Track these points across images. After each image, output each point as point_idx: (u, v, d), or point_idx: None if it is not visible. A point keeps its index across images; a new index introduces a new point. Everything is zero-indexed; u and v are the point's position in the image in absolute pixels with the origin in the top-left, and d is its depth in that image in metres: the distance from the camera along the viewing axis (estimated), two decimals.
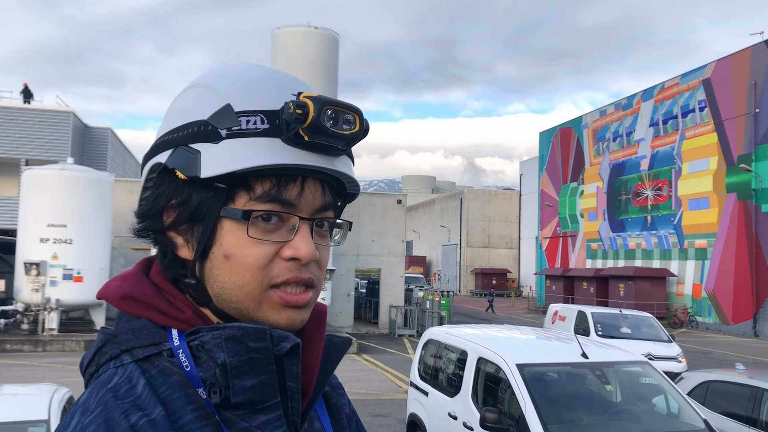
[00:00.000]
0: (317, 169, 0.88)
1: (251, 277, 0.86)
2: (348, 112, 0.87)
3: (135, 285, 0.92)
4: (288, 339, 0.86)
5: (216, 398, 0.84)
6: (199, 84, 0.91)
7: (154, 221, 0.91)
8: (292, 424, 0.90)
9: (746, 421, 7.47)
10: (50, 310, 19.94)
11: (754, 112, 30.09)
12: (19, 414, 5.84)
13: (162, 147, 0.89)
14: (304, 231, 0.88)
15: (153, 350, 0.87)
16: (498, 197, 66.00)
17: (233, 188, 0.86)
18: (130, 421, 0.78)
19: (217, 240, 0.87)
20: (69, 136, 30.22)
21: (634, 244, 38.45)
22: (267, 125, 0.85)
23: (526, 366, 6.06)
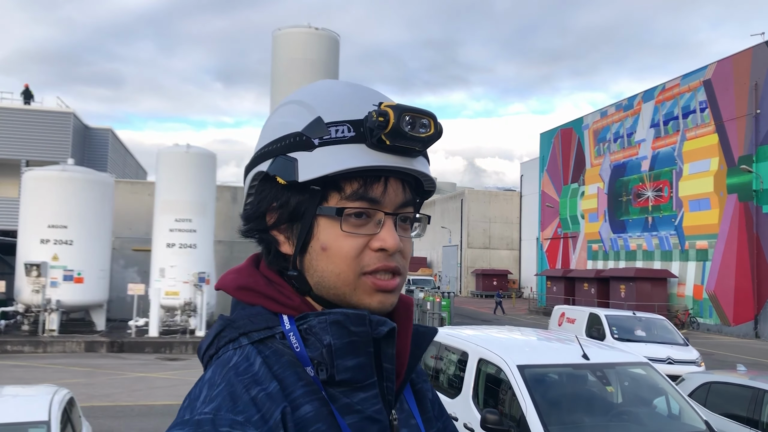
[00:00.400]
0: (398, 170, 1.00)
1: (346, 266, 0.98)
2: (423, 116, 0.99)
3: (249, 276, 1.05)
4: (385, 324, 0.97)
5: (323, 375, 0.95)
6: (293, 101, 1.05)
7: (259, 222, 1.05)
8: (387, 403, 1.00)
9: (747, 423, 7.46)
10: (51, 311, 19.94)
11: (755, 113, 30.07)
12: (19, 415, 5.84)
13: (262, 158, 1.02)
14: (389, 225, 1.00)
15: (267, 333, 0.99)
16: (499, 198, 65.95)
17: (326, 189, 0.98)
18: (250, 394, 0.90)
19: (315, 235, 1.00)
20: (69, 137, 30.24)
21: (635, 245, 38.43)
22: (353, 133, 0.97)
23: (526, 367, 6.05)
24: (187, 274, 20.89)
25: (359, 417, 0.96)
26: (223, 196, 27.25)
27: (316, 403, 0.93)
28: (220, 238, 25.96)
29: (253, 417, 0.88)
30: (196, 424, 0.86)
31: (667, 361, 13.48)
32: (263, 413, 0.89)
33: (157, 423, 10.64)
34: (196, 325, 20.81)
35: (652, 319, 16.01)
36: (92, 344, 19.12)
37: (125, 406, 11.79)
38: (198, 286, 20.86)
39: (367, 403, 0.96)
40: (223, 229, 26.76)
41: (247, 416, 0.88)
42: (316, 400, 0.93)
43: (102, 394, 12.68)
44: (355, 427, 0.95)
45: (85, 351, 18.88)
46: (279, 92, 22.66)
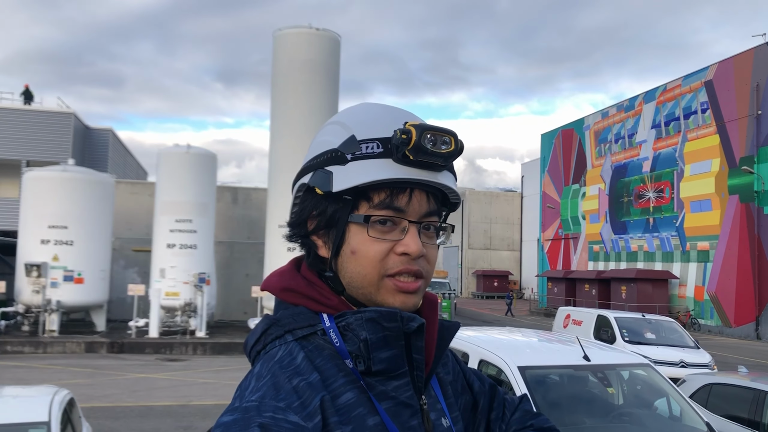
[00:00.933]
0: (421, 182, 1.10)
1: (371, 268, 1.09)
2: (445, 135, 1.09)
3: (291, 279, 1.16)
4: (415, 320, 1.09)
5: (361, 366, 1.06)
6: (334, 122, 1.17)
7: (301, 228, 1.17)
8: (417, 389, 1.12)
9: (749, 424, 7.44)
10: (51, 312, 19.94)
11: (757, 114, 30.05)
12: (19, 416, 5.82)
13: (306, 171, 1.15)
14: (413, 232, 1.11)
15: (309, 330, 1.10)
16: (499, 199, 65.96)
17: (357, 199, 1.10)
18: (292, 384, 1.02)
19: (346, 240, 1.11)
20: (70, 138, 30.24)
21: (636, 246, 38.40)
22: (381, 149, 1.08)
23: (527, 368, 6.03)
24: (188, 275, 20.88)
25: (394, 402, 1.08)
26: (223, 196, 27.24)
27: (356, 390, 1.05)
28: (220, 238, 25.95)
29: (294, 403, 0.99)
30: (244, 410, 0.98)
31: (680, 365, 13.21)
32: (303, 400, 1.00)
33: (157, 424, 10.63)
34: (196, 325, 20.80)
35: (661, 322, 15.72)
36: (92, 345, 19.11)
37: (125, 407, 11.78)
38: (198, 287, 20.85)
39: (400, 390, 1.08)
40: (223, 229, 26.75)
41: (288, 403, 0.99)
42: (355, 388, 1.05)
43: (102, 395, 12.67)
44: (391, 411, 1.07)
45: (86, 351, 18.87)
46: (280, 93, 22.65)
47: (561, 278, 41.66)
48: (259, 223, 25.69)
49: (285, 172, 21.91)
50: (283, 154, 22.01)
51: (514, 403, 1.43)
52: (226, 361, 17.91)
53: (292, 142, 21.73)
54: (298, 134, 21.70)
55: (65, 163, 22.83)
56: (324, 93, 22.61)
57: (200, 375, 15.62)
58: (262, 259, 23.24)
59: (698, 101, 33.90)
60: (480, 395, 1.39)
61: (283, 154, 21.96)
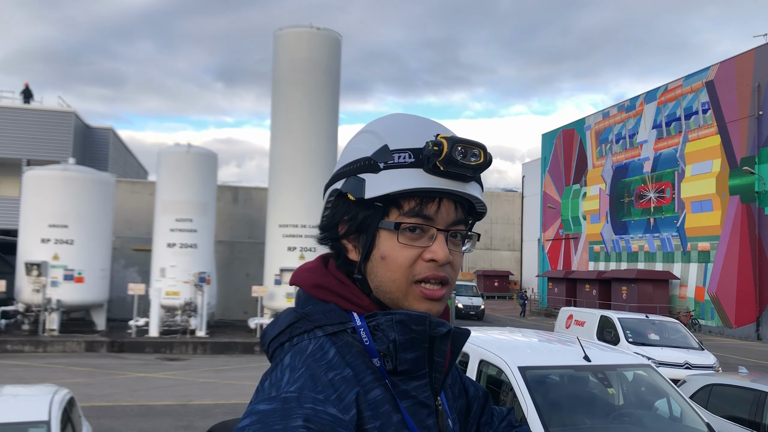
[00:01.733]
0: (450, 192, 1.14)
1: (400, 273, 1.13)
2: (475, 148, 1.13)
3: (323, 276, 1.19)
4: (444, 325, 1.13)
5: (389, 366, 1.10)
6: (367, 131, 1.21)
7: (332, 232, 1.20)
8: (434, 391, 1.17)
9: (749, 425, 7.43)
10: (51, 311, 19.94)
11: (758, 115, 30.03)
12: (19, 415, 5.82)
13: (339, 177, 1.19)
14: (441, 239, 1.14)
15: (340, 327, 1.13)
16: (500, 199, 65.92)
17: (388, 206, 1.14)
18: (328, 377, 1.05)
19: (377, 245, 1.15)
20: (70, 137, 30.24)
21: (637, 246, 38.39)
22: (413, 159, 1.12)
23: (528, 369, 6.02)
24: (188, 274, 20.88)
25: (413, 402, 1.12)
26: (223, 196, 27.24)
27: (382, 388, 1.09)
28: (220, 238, 25.95)
29: (332, 396, 1.02)
30: (284, 401, 1.00)
31: (685, 366, 13.16)
32: (339, 393, 1.04)
33: (157, 423, 10.63)
34: (196, 325, 20.80)
35: (664, 323, 15.64)
36: (92, 344, 19.11)
37: (125, 406, 11.77)
38: (198, 286, 20.84)
39: (419, 390, 1.13)
40: (223, 229, 26.75)
41: (327, 395, 1.02)
42: (381, 386, 1.09)
43: (102, 394, 12.67)
44: (410, 410, 1.11)
45: (86, 351, 18.87)
46: (280, 92, 22.64)
47: (561, 278, 41.65)
48: (259, 222, 25.69)
49: (285, 171, 21.92)
50: (283, 153, 22.01)
51: (502, 413, 1.50)
52: (226, 361, 17.91)
53: (292, 141, 21.73)
54: (298, 134, 21.70)
55: (66, 162, 22.83)
56: (325, 92, 22.61)
57: (200, 374, 15.62)
58: (262, 258, 23.24)
59: (699, 101, 33.88)
60: (474, 400, 1.45)
61: (284, 154, 21.97)
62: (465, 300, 35.41)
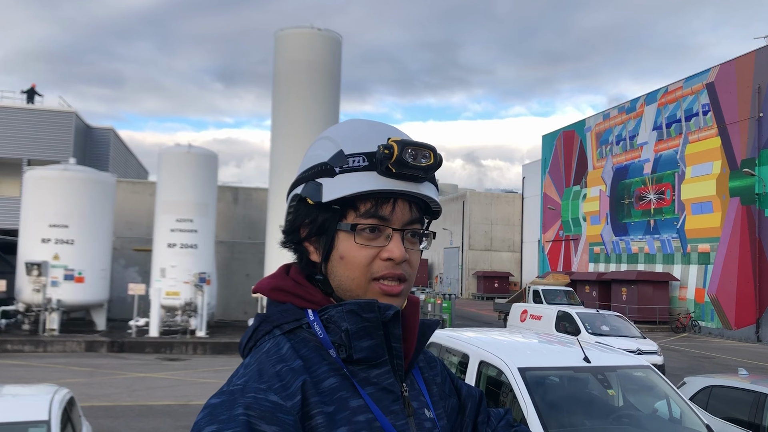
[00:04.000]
0: (404, 193, 1.19)
1: (359, 272, 1.19)
2: (425, 149, 1.19)
3: (281, 280, 1.26)
4: (391, 308, 1.16)
5: (343, 354, 1.15)
6: (324, 137, 1.26)
7: (294, 236, 1.26)
8: (398, 377, 1.21)
9: (749, 427, 7.43)
10: (51, 311, 19.94)
11: (758, 117, 30.03)
12: (19, 414, 5.82)
13: (299, 182, 1.24)
14: (396, 238, 1.20)
15: (295, 324, 1.20)
16: (500, 200, 65.92)
17: (345, 209, 1.19)
18: (275, 369, 1.11)
19: (335, 246, 1.20)
20: (71, 137, 30.24)
21: (637, 248, 38.38)
22: (366, 162, 1.18)
23: (527, 370, 6.02)
24: (188, 275, 20.88)
25: (376, 388, 1.16)
26: (224, 196, 27.24)
27: (339, 377, 1.14)
28: (221, 238, 25.95)
29: (275, 385, 1.08)
30: (230, 393, 1.07)
31: (638, 352, 14.03)
32: (285, 383, 1.09)
33: (157, 423, 10.63)
34: (196, 325, 20.80)
35: (611, 316, 17.56)
36: (92, 344, 19.11)
37: (125, 406, 11.78)
38: (199, 287, 20.85)
39: (381, 377, 1.17)
40: (224, 229, 26.75)
41: (270, 385, 1.08)
42: (338, 375, 1.14)
43: (102, 394, 12.67)
44: (374, 396, 1.15)
45: (86, 351, 18.87)
46: (281, 93, 22.65)
47: None
48: (259, 223, 25.70)
49: (286, 172, 21.91)
50: (284, 154, 22.01)
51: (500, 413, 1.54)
52: (226, 361, 17.90)
53: (293, 141, 21.73)
54: (299, 134, 21.70)
55: (66, 162, 22.83)
56: (325, 93, 22.62)
57: (200, 375, 15.62)
58: (262, 259, 23.24)
59: (700, 103, 33.88)
60: (468, 399, 1.49)
61: (284, 154, 21.97)
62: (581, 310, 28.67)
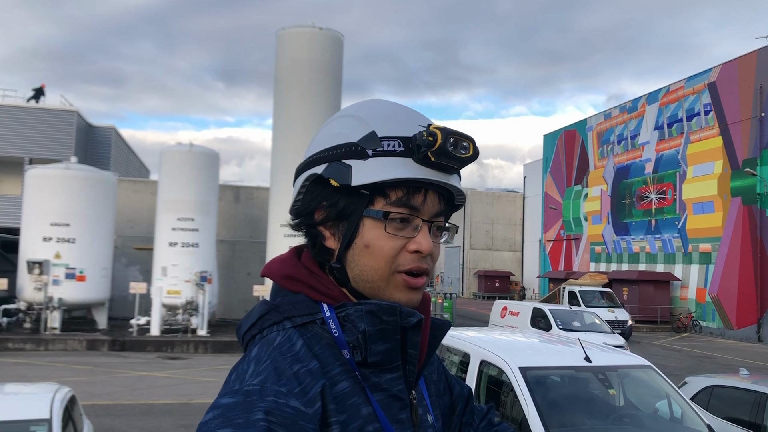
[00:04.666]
0: (437, 183, 1.13)
1: (384, 263, 1.12)
2: (465, 140, 1.13)
3: (293, 267, 1.18)
4: (414, 315, 1.11)
5: (358, 357, 1.09)
6: (348, 115, 1.17)
7: (308, 218, 1.17)
8: (408, 384, 1.15)
9: (750, 427, 7.43)
10: (52, 309, 19.96)
11: (760, 116, 30.00)
12: (21, 413, 5.83)
13: (317, 162, 1.15)
14: (425, 230, 1.14)
15: (309, 318, 1.12)
16: (501, 200, 65.88)
17: (374, 194, 1.11)
18: (293, 370, 1.03)
19: (360, 233, 1.12)
20: (73, 136, 30.27)
21: (638, 247, 38.36)
22: (402, 148, 1.10)
23: (528, 369, 6.03)
24: (189, 273, 20.89)
25: (385, 395, 1.10)
26: (225, 195, 27.25)
27: (351, 380, 1.07)
28: (222, 237, 25.96)
29: (295, 389, 1.01)
30: (246, 394, 0.99)
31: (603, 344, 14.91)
32: (304, 386, 1.01)
33: (157, 422, 10.64)
34: (197, 324, 20.81)
35: (584, 313, 18.73)
36: (94, 342, 19.13)
37: (126, 405, 11.79)
38: (200, 285, 20.85)
39: (392, 383, 1.11)
40: (225, 228, 26.76)
41: (290, 388, 1.00)
42: (351, 378, 1.07)
43: (103, 393, 12.68)
44: (382, 403, 1.10)
45: (87, 349, 18.88)
46: (282, 92, 22.65)
47: (563, 279, 41.59)
48: (261, 221, 25.70)
49: (287, 171, 21.91)
50: (285, 153, 22.01)
51: (482, 411, 1.49)
52: (228, 360, 17.91)
53: (294, 141, 21.72)
54: (300, 133, 21.69)
55: (68, 160, 22.84)
56: (327, 92, 22.61)
57: (201, 373, 15.63)
58: (263, 258, 23.24)
59: (701, 103, 33.85)
60: (459, 399, 1.44)
61: (286, 153, 21.96)
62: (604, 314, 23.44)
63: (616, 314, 25.11)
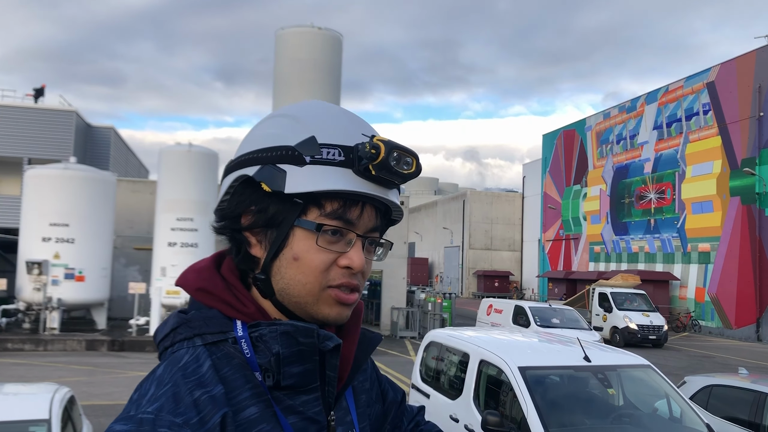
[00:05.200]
0: (375, 197, 1.07)
1: (313, 278, 1.05)
2: (409, 156, 1.07)
3: (209, 279, 1.10)
4: (332, 339, 1.05)
5: (270, 381, 1.02)
6: (287, 115, 1.10)
7: (234, 222, 1.10)
8: (327, 405, 1.10)
9: (749, 426, 7.43)
10: (52, 310, 19.94)
11: (759, 116, 30.02)
12: (20, 413, 5.82)
13: (249, 162, 1.07)
14: (359, 246, 1.08)
15: (220, 337, 1.05)
16: (501, 199, 65.90)
17: (307, 204, 1.04)
18: (193, 396, 0.96)
19: (289, 244, 1.06)
20: (72, 136, 30.24)
21: (637, 247, 38.38)
22: (342, 158, 1.04)
23: (528, 369, 6.03)
24: None
25: (300, 417, 1.05)
26: None
27: (262, 405, 1.01)
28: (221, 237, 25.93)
29: (192, 419, 0.94)
30: (139, 422, 0.93)
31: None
32: (203, 416, 0.95)
33: None
34: None
35: (563, 310, 19.46)
36: (93, 343, 19.12)
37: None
38: None
39: (308, 405, 1.06)
40: None
41: (186, 419, 0.94)
42: (261, 402, 1.01)
43: (102, 393, 12.68)
44: (297, 426, 1.04)
45: (86, 349, 18.88)
46: (282, 92, 22.66)
47: (562, 279, 41.63)
48: None
49: None
50: None
51: (412, 412, 1.46)
52: None
53: None
54: None
55: (67, 160, 22.82)
56: (326, 92, 22.62)
57: None
58: None
59: (700, 102, 33.88)
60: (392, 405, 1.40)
61: None
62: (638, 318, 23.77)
63: (651, 318, 23.89)
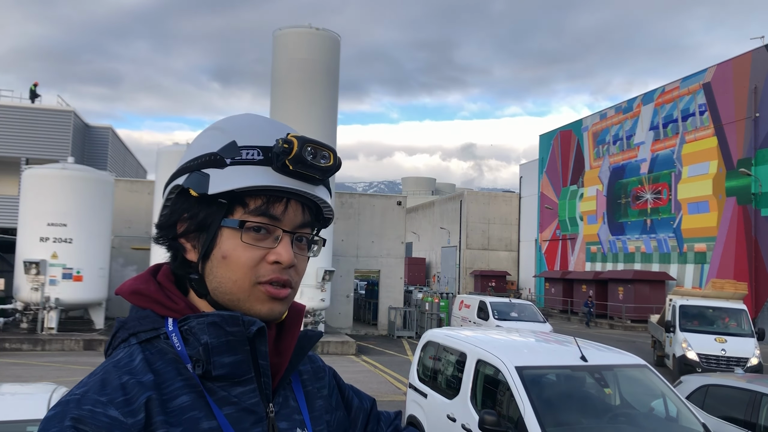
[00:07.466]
0: (298, 192, 1.11)
1: (242, 274, 1.09)
2: (324, 150, 1.12)
3: (144, 283, 1.15)
4: (255, 323, 1.08)
5: (199, 370, 1.05)
6: (214, 127, 1.17)
7: (170, 231, 1.15)
8: (264, 397, 1.12)
9: (745, 425, 7.47)
10: (49, 309, 19.92)
11: (755, 117, 30.11)
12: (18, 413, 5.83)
13: (181, 173, 1.13)
14: (286, 241, 1.11)
15: (153, 334, 1.10)
16: (498, 200, 65.91)
17: (232, 204, 1.09)
18: (121, 381, 1.01)
19: (218, 244, 1.10)
20: (70, 136, 30.20)
21: (634, 247, 38.46)
22: (261, 157, 1.09)
23: (525, 368, 6.06)
24: None
25: (235, 408, 1.07)
26: None
27: (194, 394, 1.05)
28: None
29: (117, 399, 0.98)
30: (65, 403, 0.98)
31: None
32: (129, 397, 0.99)
33: None
34: None
35: (523, 304, 20.83)
36: (91, 342, 19.11)
37: None
38: None
39: (244, 396, 1.08)
40: None
41: (111, 398, 0.98)
42: (193, 392, 1.05)
43: None
44: (232, 417, 1.07)
45: (84, 349, 18.87)
46: (279, 92, 22.67)
47: (558, 279, 41.69)
48: None
49: None
50: None
51: (390, 417, 1.47)
52: None
53: None
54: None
55: (65, 160, 22.81)
56: (324, 92, 22.63)
57: None
58: None
59: (696, 103, 33.96)
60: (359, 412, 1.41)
61: None
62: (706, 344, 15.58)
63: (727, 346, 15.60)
